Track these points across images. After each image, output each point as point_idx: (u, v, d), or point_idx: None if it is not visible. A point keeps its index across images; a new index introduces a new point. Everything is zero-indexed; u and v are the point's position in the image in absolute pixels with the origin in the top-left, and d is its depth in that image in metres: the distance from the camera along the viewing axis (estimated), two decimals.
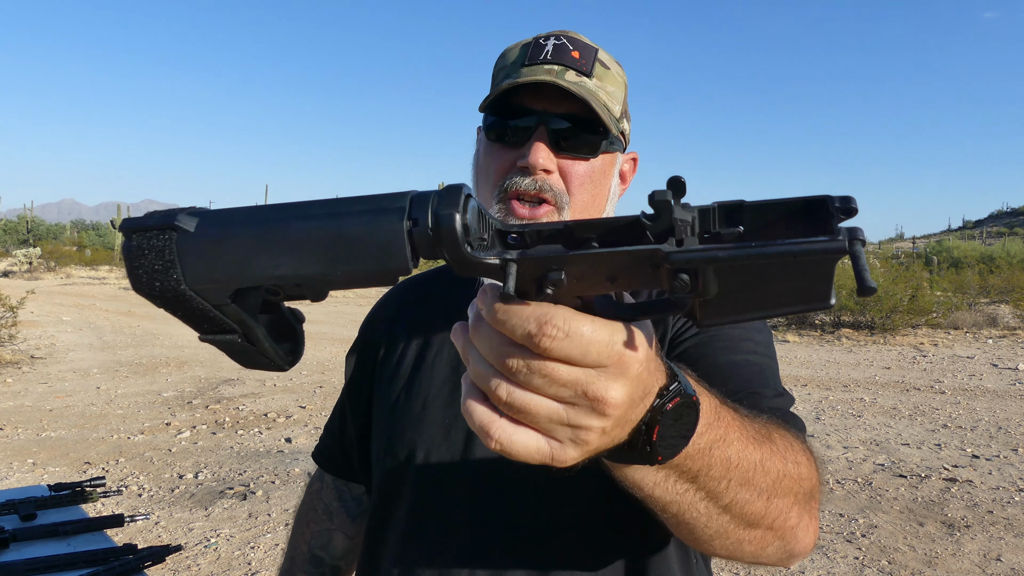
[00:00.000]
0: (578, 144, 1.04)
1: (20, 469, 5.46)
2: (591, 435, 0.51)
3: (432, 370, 1.11)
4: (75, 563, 1.49)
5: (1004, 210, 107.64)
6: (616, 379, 0.50)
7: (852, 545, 4.17)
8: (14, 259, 33.35)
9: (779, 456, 0.69)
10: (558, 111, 1.03)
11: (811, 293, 0.47)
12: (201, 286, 0.50)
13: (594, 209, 1.09)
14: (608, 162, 1.09)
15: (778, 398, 0.92)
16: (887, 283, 13.81)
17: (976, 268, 25.15)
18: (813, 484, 0.74)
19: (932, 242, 57.88)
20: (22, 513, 1.73)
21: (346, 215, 0.48)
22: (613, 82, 1.07)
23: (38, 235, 48.49)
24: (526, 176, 1.03)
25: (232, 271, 0.50)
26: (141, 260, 0.50)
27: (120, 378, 8.96)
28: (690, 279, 0.46)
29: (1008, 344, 12.15)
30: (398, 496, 1.06)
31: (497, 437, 0.51)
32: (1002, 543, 4.18)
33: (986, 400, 7.93)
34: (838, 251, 0.43)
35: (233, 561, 3.96)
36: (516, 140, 1.05)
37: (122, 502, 4.77)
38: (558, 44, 1.05)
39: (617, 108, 1.08)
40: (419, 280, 1.28)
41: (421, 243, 0.47)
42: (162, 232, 0.50)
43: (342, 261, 0.48)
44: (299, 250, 0.48)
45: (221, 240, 0.49)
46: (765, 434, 0.70)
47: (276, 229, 0.49)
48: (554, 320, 0.48)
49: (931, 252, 38.70)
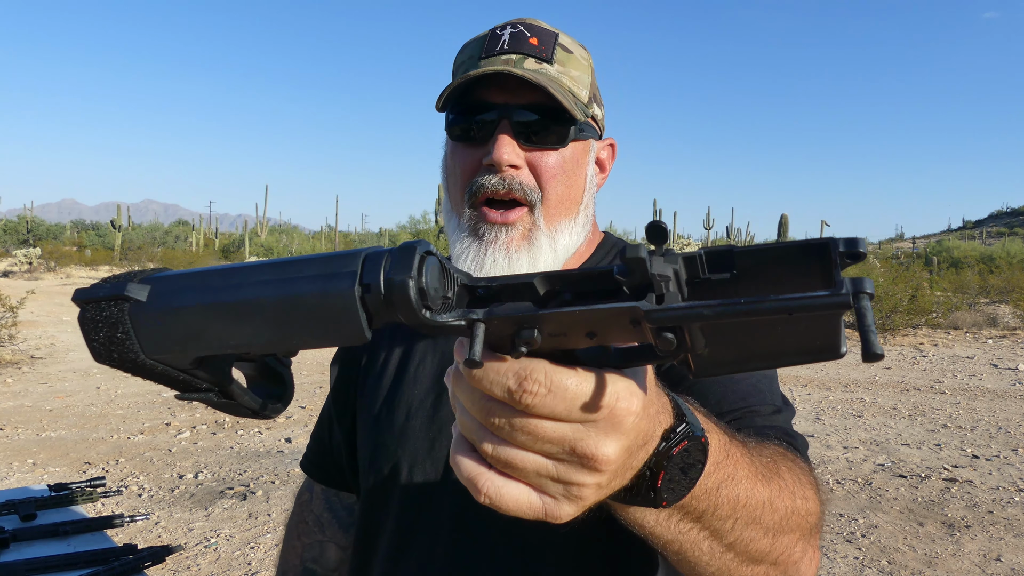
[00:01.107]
0: (545, 135, 0.99)
1: (20, 469, 5.46)
2: (585, 491, 0.48)
3: (415, 380, 1.07)
4: (75, 563, 1.49)
5: (1004, 210, 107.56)
6: (608, 434, 0.46)
7: (852, 545, 4.16)
8: (14, 259, 33.34)
9: (787, 492, 0.67)
10: (521, 102, 0.98)
11: (817, 346, 0.43)
12: (161, 356, 0.49)
13: (569, 202, 1.03)
14: (580, 151, 1.04)
15: (777, 415, 0.89)
16: (887, 283, 13.81)
17: (976, 268, 25.14)
18: (818, 517, 0.72)
19: (932, 242, 57.82)
20: (22, 513, 1.73)
21: (297, 280, 0.46)
22: (577, 66, 1.02)
23: (38, 235, 48.43)
24: (493, 175, 0.98)
25: (189, 342, 0.48)
26: (97, 332, 0.49)
27: (120, 378, 8.95)
28: (676, 337, 0.42)
29: (1008, 344, 12.15)
30: (384, 510, 1.04)
31: (486, 491, 0.48)
32: (1002, 543, 4.18)
33: (986, 400, 7.93)
34: (840, 306, 0.38)
35: (233, 561, 3.96)
36: (480, 137, 0.99)
37: (122, 502, 4.76)
38: (514, 32, 1.00)
39: (584, 93, 1.02)
40: None
41: (375, 309, 0.45)
42: (114, 303, 0.49)
43: (296, 329, 0.46)
44: (252, 319, 0.46)
45: (175, 310, 0.48)
46: (773, 468, 0.68)
47: (228, 297, 0.47)
48: (534, 375, 0.45)
49: (931, 252, 38.68)
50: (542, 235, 1.00)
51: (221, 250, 40.04)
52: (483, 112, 0.99)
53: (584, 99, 1.03)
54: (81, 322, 0.50)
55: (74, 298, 0.51)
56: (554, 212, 1.02)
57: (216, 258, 31.13)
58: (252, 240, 39.71)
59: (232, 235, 52.57)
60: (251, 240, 39.49)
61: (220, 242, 45.66)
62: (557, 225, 1.02)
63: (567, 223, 1.03)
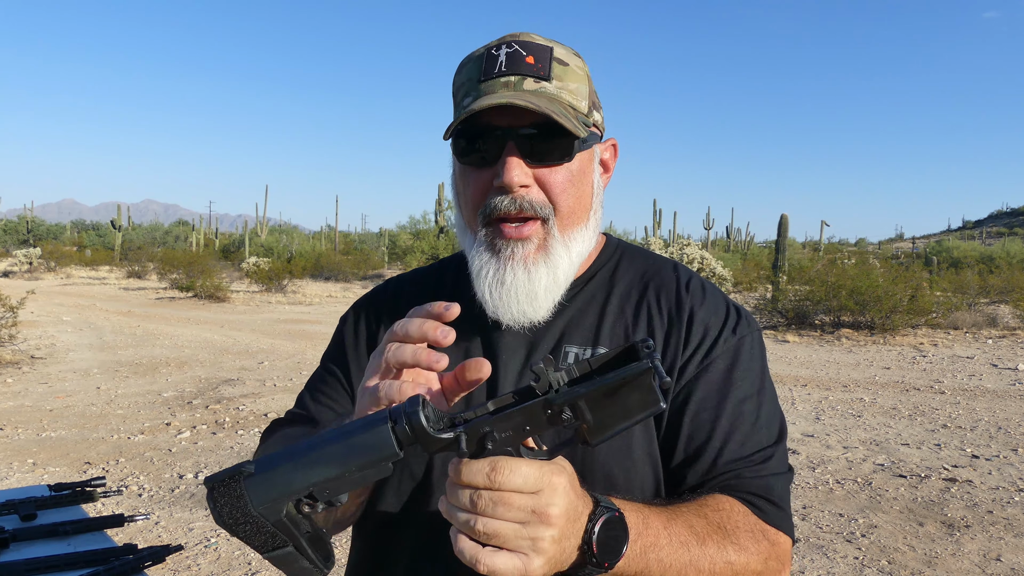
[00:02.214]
0: (550, 151, 1.02)
1: (20, 469, 5.46)
2: (545, 543, 0.72)
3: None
4: (75, 563, 1.48)
5: (1004, 210, 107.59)
6: (552, 496, 0.72)
7: (852, 545, 4.17)
8: (14, 259, 33.33)
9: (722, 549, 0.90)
10: (525, 123, 1.00)
11: (647, 401, 0.70)
12: (263, 507, 0.71)
13: (581, 210, 1.07)
14: (586, 160, 1.08)
15: (765, 463, 1.03)
16: (887, 283, 13.81)
17: (976, 268, 25.15)
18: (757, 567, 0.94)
19: (932, 242, 57.84)
20: (22, 513, 1.73)
21: (350, 432, 0.71)
22: (574, 78, 1.05)
23: (38, 235, 48.41)
24: (504, 196, 1.01)
25: (282, 488, 0.70)
26: (222, 500, 0.71)
27: (120, 378, 8.96)
28: (572, 413, 0.70)
29: (1008, 344, 12.15)
30: (422, 504, 1.05)
31: (484, 562, 0.71)
32: (1002, 543, 4.18)
33: (986, 400, 7.93)
34: (645, 369, 0.68)
35: (233, 561, 3.97)
36: (488, 160, 1.03)
37: (122, 502, 4.77)
38: (510, 52, 1.02)
39: (584, 104, 1.05)
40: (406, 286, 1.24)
41: (402, 435, 0.70)
42: (233, 479, 0.71)
43: (354, 460, 0.70)
44: (324, 461, 0.70)
45: (272, 471, 0.71)
46: (714, 529, 0.91)
47: (307, 454, 0.71)
48: (500, 463, 0.71)
49: (931, 252, 38.67)
50: (558, 244, 1.05)
51: (221, 250, 40.03)
52: (489, 136, 1.02)
53: (584, 110, 1.05)
54: (209, 497, 0.72)
55: (205, 482, 0.72)
56: (567, 222, 1.06)
57: (216, 258, 31.10)
58: (252, 240, 39.68)
59: (232, 235, 52.54)
60: (251, 240, 39.47)
61: (220, 242, 45.63)
62: (571, 234, 1.07)
63: (580, 230, 1.08)
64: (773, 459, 1.04)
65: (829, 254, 30.35)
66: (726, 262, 22.14)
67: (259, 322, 15.16)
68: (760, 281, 21.29)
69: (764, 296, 17.28)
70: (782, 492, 1.02)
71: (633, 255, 1.20)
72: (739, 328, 1.09)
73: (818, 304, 14.22)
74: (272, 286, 22.51)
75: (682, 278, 1.15)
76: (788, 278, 16.85)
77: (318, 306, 19.13)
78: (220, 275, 22.18)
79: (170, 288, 22.55)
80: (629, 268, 1.17)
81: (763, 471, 1.02)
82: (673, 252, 19.00)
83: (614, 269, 1.16)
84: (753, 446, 1.03)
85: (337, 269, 29.63)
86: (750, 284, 21.81)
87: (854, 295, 13.58)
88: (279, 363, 10.00)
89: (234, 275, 25.67)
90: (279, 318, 16.01)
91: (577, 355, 1.07)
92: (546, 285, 1.04)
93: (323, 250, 36.46)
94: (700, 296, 1.12)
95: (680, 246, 19.74)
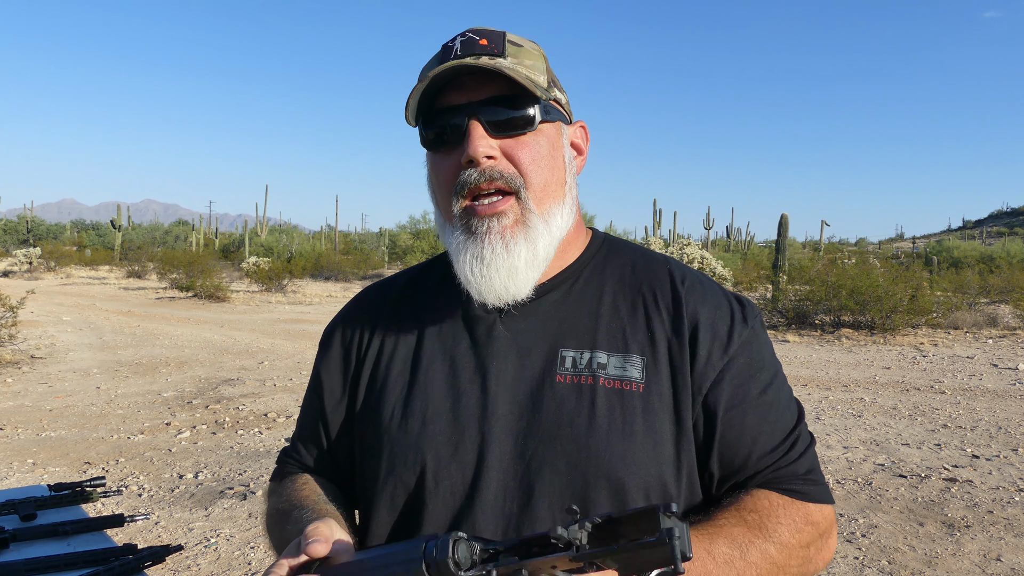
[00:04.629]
0: (513, 121, 1.02)
1: (20, 469, 5.46)
2: None
3: (426, 386, 1.07)
4: (75, 563, 1.48)
5: (1004, 210, 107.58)
6: None
7: (852, 545, 4.16)
8: (14, 259, 33.33)
9: (765, 553, 0.94)
10: (483, 96, 1.01)
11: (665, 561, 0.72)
12: None
13: (555, 184, 1.06)
14: (554, 134, 1.07)
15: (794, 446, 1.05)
16: (887, 283, 13.81)
17: (976, 268, 25.15)
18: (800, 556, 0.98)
19: (932, 242, 57.81)
20: (22, 513, 1.72)
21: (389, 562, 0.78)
22: (529, 56, 1.05)
23: (38, 235, 48.41)
24: (473, 170, 1.01)
25: None
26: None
27: (120, 378, 8.96)
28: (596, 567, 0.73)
29: (1008, 344, 12.15)
30: (415, 518, 1.03)
31: None
32: (1002, 543, 4.18)
33: (986, 400, 7.93)
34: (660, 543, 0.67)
35: (233, 561, 3.96)
36: (452, 140, 1.02)
37: (122, 502, 4.76)
38: (464, 40, 1.03)
39: (542, 78, 1.04)
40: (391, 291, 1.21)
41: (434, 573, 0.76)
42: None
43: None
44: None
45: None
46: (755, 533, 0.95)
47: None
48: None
49: (931, 252, 38.66)
50: (535, 218, 1.03)
51: (221, 250, 40.02)
52: (449, 115, 1.02)
53: (543, 84, 1.04)
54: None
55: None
56: (541, 195, 1.04)
57: (216, 258, 31.09)
58: (252, 240, 39.68)
59: (232, 235, 52.53)
60: (251, 240, 39.46)
61: (220, 242, 45.62)
62: (548, 208, 1.05)
63: (557, 206, 1.06)
64: (800, 437, 1.06)
65: (829, 254, 30.36)
66: (726, 262, 22.14)
67: (259, 322, 15.16)
68: (760, 281, 21.27)
69: (764, 296, 17.27)
70: (813, 463, 1.05)
71: (620, 248, 1.17)
72: (747, 317, 1.08)
73: (818, 304, 14.22)
74: (272, 286, 22.51)
75: (676, 274, 1.12)
76: (788, 278, 16.85)
77: (318, 306, 19.13)
78: (220, 275, 22.17)
79: (170, 288, 22.55)
80: (618, 262, 1.14)
81: (794, 454, 1.04)
82: (673, 252, 19.00)
83: (603, 264, 1.13)
84: (782, 432, 1.05)
85: (337, 269, 29.64)
86: (750, 284, 21.81)
87: (854, 295, 13.58)
88: (279, 363, 10.00)
89: (234, 275, 25.66)
90: (279, 318, 16.01)
91: (575, 360, 1.05)
92: (526, 259, 1.02)
93: (323, 250, 36.46)
94: (700, 293, 1.09)
95: (680, 246, 19.74)
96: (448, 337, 1.10)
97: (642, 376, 1.02)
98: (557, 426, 1.00)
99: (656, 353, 1.04)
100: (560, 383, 1.03)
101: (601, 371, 1.03)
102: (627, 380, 1.02)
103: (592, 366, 1.03)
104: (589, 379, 1.02)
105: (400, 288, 1.20)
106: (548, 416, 1.01)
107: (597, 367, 1.03)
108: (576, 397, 1.01)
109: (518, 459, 1.00)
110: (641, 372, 1.03)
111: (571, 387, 1.02)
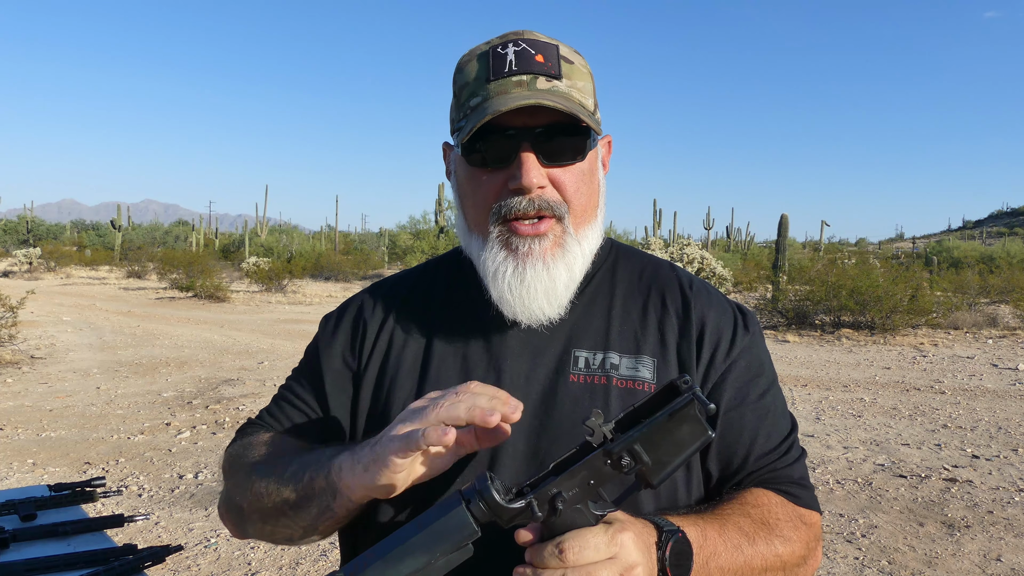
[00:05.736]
0: (564, 150, 1.02)
1: (20, 469, 5.46)
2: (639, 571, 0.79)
3: (437, 382, 1.07)
4: (75, 563, 1.48)
5: (1004, 210, 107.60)
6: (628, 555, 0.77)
7: (852, 545, 4.16)
8: (14, 259, 33.33)
9: (770, 544, 0.96)
10: (539, 123, 0.99)
11: (696, 432, 0.75)
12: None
13: (591, 207, 1.08)
14: (593, 158, 1.08)
15: (788, 452, 1.08)
16: (887, 283, 13.80)
17: (976, 268, 25.15)
18: (801, 552, 1.01)
19: (932, 242, 57.82)
20: (22, 513, 1.72)
21: (427, 520, 0.77)
22: (580, 76, 1.05)
23: (38, 235, 48.42)
24: (521, 197, 1.00)
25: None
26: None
27: (120, 378, 8.96)
28: (631, 458, 0.75)
29: (1008, 344, 12.15)
30: (401, 509, 1.03)
31: None
32: (1002, 543, 4.18)
33: (986, 400, 7.93)
34: (689, 401, 0.73)
35: (233, 561, 3.96)
36: (501, 161, 1.01)
37: (122, 502, 4.76)
38: (519, 51, 1.01)
39: (590, 102, 1.05)
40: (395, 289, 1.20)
41: (477, 512, 0.76)
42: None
43: (438, 546, 0.76)
44: (411, 554, 0.76)
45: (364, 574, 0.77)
46: (759, 526, 0.97)
47: (392, 549, 0.77)
48: (566, 543, 0.75)
49: (931, 252, 38.67)
50: (572, 241, 1.05)
51: (221, 250, 40.01)
52: (501, 137, 1.00)
53: (591, 108, 1.05)
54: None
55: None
56: (580, 219, 1.06)
57: (216, 258, 31.09)
58: (252, 240, 39.67)
59: (232, 235, 52.51)
60: (251, 240, 39.45)
61: (220, 242, 45.61)
62: (583, 231, 1.07)
63: (591, 227, 1.09)
64: (793, 445, 1.10)
65: (829, 254, 30.34)
66: (726, 262, 22.13)
67: (259, 322, 15.16)
68: (760, 281, 21.28)
69: (764, 296, 17.27)
70: (804, 472, 1.09)
71: (629, 255, 1.21)
72: (748, 324, 1.12)
73: (818, 304, 14.22)
74: (272, 286, 22.50)
75: (683, 279, 1.16)
76: (788, 278, 16.85)
77: (318, 306, 19.13)
78: (220, 275, 22.18)
79: (170, 288, 22.55)
80: (627, 268, 1.17)
81: (789, 459, 1.08)
82: (673, 252, 18.99)
83: (613, 269, 1.16)
84: (778, 437, 1.08)
85: (337, 269, 29.64)
86: (750, 284, 21.81)
87: (854, 295, 13.58)
88: (279, 363, 9.99)
89: (234, 275, 25.65)
90: (279, 318, 16.01)
91: (588, 360, 1.07)
92: (564, 282, 1.04)
93: (323, 250, 36.46)
94: (706, 298, 1.13)
95: (680, 246, 19.73)
96: (460, 336, 1.11)
97: (653, 377, 1.05)
98: (570, 425, 1.01)
99: (667, 354, 1.07)
100: (573, 383, 1.04)
101: (614, 371, 1.05)
102: (639, 380, 1.04)
103: (605, 366, 1.05)
104: (602, 379, 1.04)
105: (409, 285, 1.20)
106: (561, 415, 1.02)
107: (610, 367, 1.05)
108: (589, 396, 1.03)
109: (531, 457, 1.01)
110: (652, 373, 1.05)
111: (584, 387, 1.04)
